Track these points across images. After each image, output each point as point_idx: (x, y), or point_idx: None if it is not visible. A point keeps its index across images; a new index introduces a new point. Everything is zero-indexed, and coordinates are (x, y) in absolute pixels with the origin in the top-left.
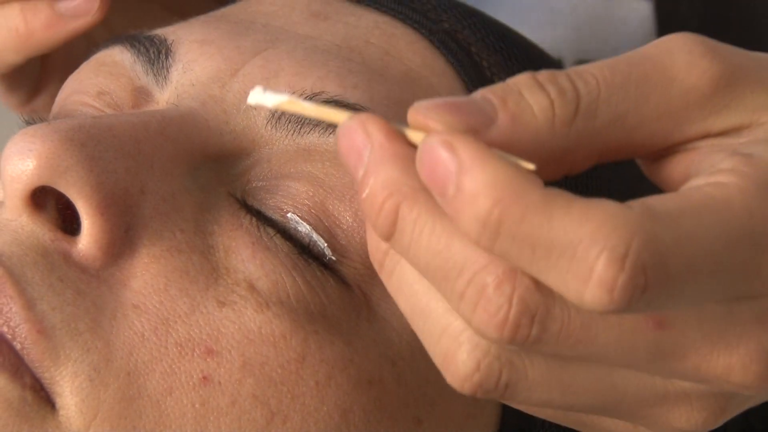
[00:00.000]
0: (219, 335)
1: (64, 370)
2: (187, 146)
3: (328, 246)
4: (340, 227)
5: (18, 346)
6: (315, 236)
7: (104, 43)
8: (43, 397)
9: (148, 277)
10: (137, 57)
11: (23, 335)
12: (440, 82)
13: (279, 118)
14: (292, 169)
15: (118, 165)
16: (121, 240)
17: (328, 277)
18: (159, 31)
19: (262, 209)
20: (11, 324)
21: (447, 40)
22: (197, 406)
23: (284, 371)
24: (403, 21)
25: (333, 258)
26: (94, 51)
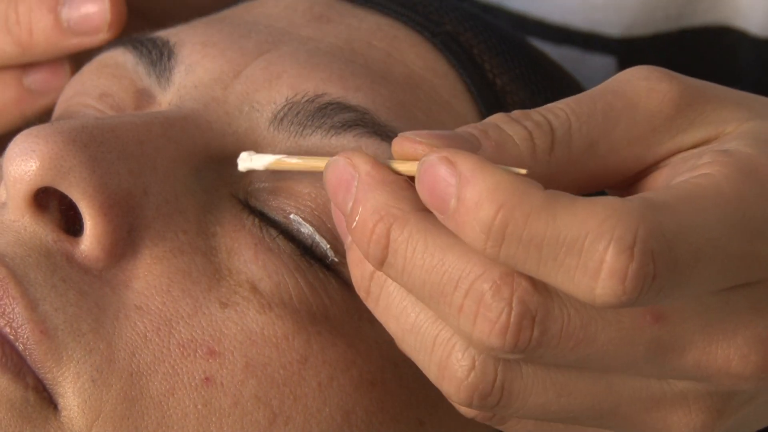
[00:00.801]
0: (221, 336)
1: (67, 371)
2: (190, 148)
3: (330, 248)
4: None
5: (21, 347)
6: (317, 237)
7: (107, 44)
8: (46, 398)
9: (150, 278)
10: (140, 59)
11: (26, 336)
12: (443, 83)
13: (281, 119)
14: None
15: (120, 166)
16: (124, 241)
17: (330, 278)
18: (161, 33)
19: (265, 210)
20: (14, 325)
21: (449, 43)
22: (199, 406)
23: (286, 372)
24: (406, 23)
25: (335, 259)
26: (97, 53)
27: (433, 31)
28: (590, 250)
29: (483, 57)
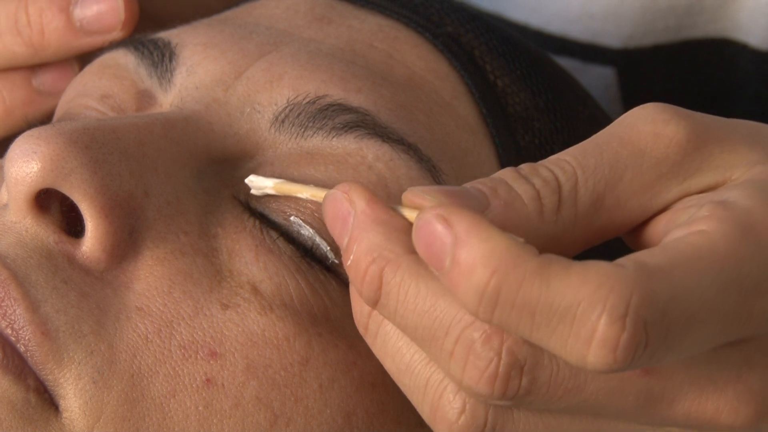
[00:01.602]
0: (222, 338)
1: (68, 372)
2: (191, 149)
3: (330, 249)
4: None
5: (22, 348)
6: (318, 239)
7: (108, 46)
8: (47, 399)
9: (151, 279)
10: (141, 60)
11: (27, 337)
12: (444, 85)
13: (282, 121)
14: (294, 173)
15: (122, 168)
16: (125, 242)
17: (330, 279)
18: (163, 34)
19: (266, 212)
20: (15, 326)
21: (450, 44)
22: (200, 408)
23: (287, 374)
24: (407, 24)
25: (336, 261)
26: (98, 54)
27: (435, 33)
28: (582, 319)
29: (484, 58)
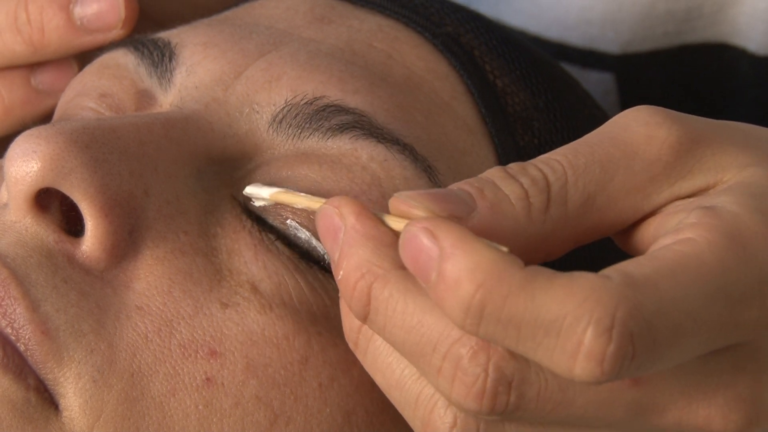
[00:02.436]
0: (222, 337)
1: (68, 371)
2: (191, 149)
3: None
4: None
5: (22, 348)
6: (314, 242)
7: (108, 45)
8: (47, 399)
9: (151, 278)
10: (141, 60)
11: (27, 336)
12: (443, 85)
13: (280, 122)
14: (290, 173)
15: (122, 167)
16: (125, 242)
17: (330, 279)
18: (163, 34)
19: (263, 215)
20: (15, 325)
21: (450, 44)
22: (200, 407)
23: (287, 373)
24: (407, 24)
25: None
26: (98, 54)
27: (434, 33)
28: (569, 332)
29: (484, 58)
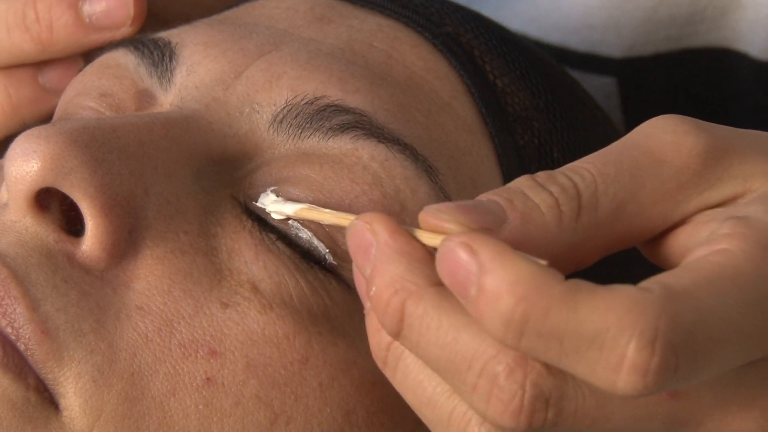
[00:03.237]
0: (222, 336)
1: (68, 371)
2: (191, 149)
3: (329, 251)
4: (341, 231)
5: (22, 347)
6: (316, 242)
7: (108, 46)
8: (47, 398)
9: (151, 278)
10: (141, 59)
11: (27, 336)
12: (443, 85)
13: (281, 122)
14: (291, 174)
15: (122, 167)
16: (125, 241)
17: (330, 278)
18: (163, 34)
19: (263, 215)
20: (15, 325)
21: (450, 44)
22: (201, 407)
23: (287, 372)
24: (407, 24)
25: (333, 262)
26: (98, 54)
27: (434, 32)
28: (612, 345)
29: (484, 58)
